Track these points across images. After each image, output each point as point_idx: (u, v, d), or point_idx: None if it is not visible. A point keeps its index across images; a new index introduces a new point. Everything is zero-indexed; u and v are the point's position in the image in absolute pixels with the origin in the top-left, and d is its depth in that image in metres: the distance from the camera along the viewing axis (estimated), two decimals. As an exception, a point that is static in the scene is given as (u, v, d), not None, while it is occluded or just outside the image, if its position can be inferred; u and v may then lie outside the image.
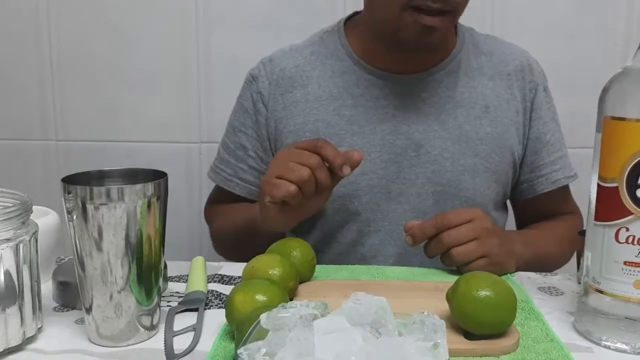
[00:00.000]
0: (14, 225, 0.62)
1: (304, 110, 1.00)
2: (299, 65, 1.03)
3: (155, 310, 0.67)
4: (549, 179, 1.03)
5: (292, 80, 1.02)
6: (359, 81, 1.00)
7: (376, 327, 0.49)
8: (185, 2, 1.36)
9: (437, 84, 0.99)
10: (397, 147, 0.98)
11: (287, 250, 0.79)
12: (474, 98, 0.99)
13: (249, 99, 1.05)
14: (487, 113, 0.99)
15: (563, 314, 0.73)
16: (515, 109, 1.01)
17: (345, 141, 0.98)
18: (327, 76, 1.01)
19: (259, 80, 1.04)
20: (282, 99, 1.02)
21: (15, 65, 1.41)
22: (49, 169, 1.45)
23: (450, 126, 0.98)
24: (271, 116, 1.02)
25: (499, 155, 0.99)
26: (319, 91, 1.01)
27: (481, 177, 0.98)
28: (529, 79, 1.02)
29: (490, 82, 1.01)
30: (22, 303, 0.64)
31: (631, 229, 0.62)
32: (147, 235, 0.64)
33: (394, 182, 0.98)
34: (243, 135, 1.05)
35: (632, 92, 0.63)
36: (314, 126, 0.99)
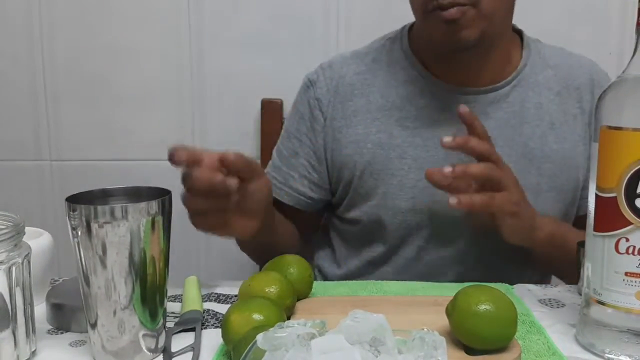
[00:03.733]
0: (6, 247, 0.61)
1: (365, 120, 0.98)
2: (361, 72, 1.01)
3: (160, 333, 0.67)
4: None
5: (353, 88, 1.00)
6: (422, 92, 0.97)
7: (375, 345, 0.48)
8: (178, 19, 1.37)
9: (503, 99, 0.96)
10: (461, 162, 0.92)
11: (284, 267, 0.78)
12: (540, 114, 0.96)
13: (305, 104, 1.02)
14: (552, 130, 0.96)
15: (565, 326, 0.72)
16: (582, 124, 0.98)
17: (408, 154, 0.96)
18: (390, 85, 0.99)
19: (317, 86, 1.01)
20: (342, 107, 0.99)
21: (8, 84, 1.41)
22: (43, 189, 1.44)
23: (515, 143, 0.95)
24: (329, 124, 1.00)
25: (565, 174, 0.96)
26: (381, 100, 0.98)
27: (544, 197, 0.95)
28: (597, 93, 0.97)
29: (557, 97, 0.98)
30: (16, 326, 0.63)
31: (631, 239, 0.62)
32: (151, 254, 0.63)
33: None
34: (297, 141, 1.02)
35: (628, 101, 0.63)
36: (376, 137, 0.97)
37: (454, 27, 0.86)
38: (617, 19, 1.34)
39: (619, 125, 0.62)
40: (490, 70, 0.97)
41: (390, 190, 0.96)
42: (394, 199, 0.96)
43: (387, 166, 0.96)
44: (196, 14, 1.36)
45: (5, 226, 0.63)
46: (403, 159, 0.96)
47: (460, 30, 0.87)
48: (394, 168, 0.96)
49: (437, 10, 0.86)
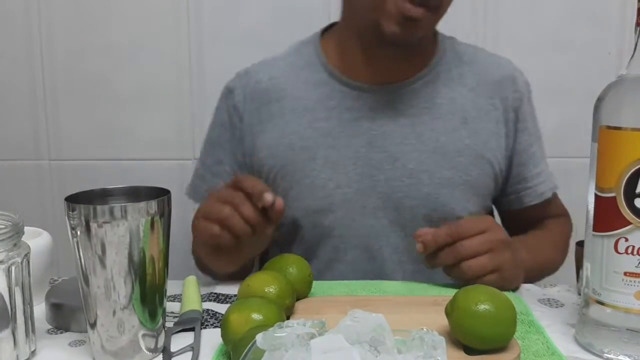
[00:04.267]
0: (5, 247, 0.62)
1: (279, 123, 0.99)
2: (274, 77, 1.02)
3: (159, 333, 0.67)
4: (536, 191, 1.02)
5: (268, 93, 1.00)
6: (332, 93, 0.98)
7: (375, 345, 0.48)
8: (178, 19, 1.36)
9: (414, 95, 0.97)
10: (372, 161, 0.96)
11: (284, 267, 0.78)
12: (453, 109, 0.97)
13: (224, 112, 1.03)
14: (465, 124, 0.97)
15: (564, 326, 0.73)
16: (495, 120, 0.99)
17: (318, 154, 0.96)
18: (301, 88, 1.00)
19: (234, 94, 1.02)
20: (258, 112, 1.00)
21: (7, 84, 1.40)
22: (42, 189, 1.44)
23: (427, 138, 0.96)
24: (247, 130, 1.01)
25: (479, 168, 0.97)
26: (293, 103, 0.99)
27: (459, 191, 0.96)
28: (512, 89, 1.00)
29: (470, 92, 0.99)
30: (15, 326, 0.63)
31: (630, 239, 0.62)
32: (150, 253, 0.63)
33: (370, 197, 0.96)
34: (220, 149, 1.03)
35: (627, 101, 0.63)
36: (288, 140, 0.98)
37: (412, 25, 0.88)
38: (616, 19, 1.33)
39: (618, 125, 0.62)
40: (404, 67, 0.98)
41: (303, 191, 0.97)
42: (305, 199, 0.97)
43: (298, 168, 0.97)
44: (196, 13, 1.36)
45: (4, 226, 0.63)
46: (314, 160, 0.96)
47: (415, 29, 0.89)
48: (306, 169, 0.96)
49: (403, 1, 0.86)
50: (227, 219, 0.79)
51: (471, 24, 1.33)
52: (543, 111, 1.07)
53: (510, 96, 1.00)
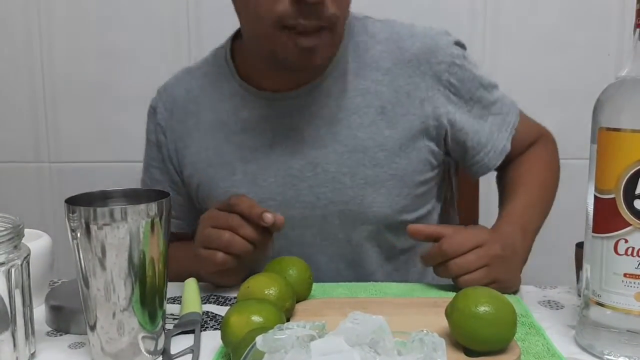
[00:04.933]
0: (5, 249, 0.61)
1: (197, 138, 0.95)
2: (191, 89, 0.98)
3: (159, 335, 0.67)
4: (496, 150, 0.95)
5: (185, 109, 0.97)
6: (244, 103, 0.93)
7: (375, 347, 0.48)
8: (177, 21, 1.37)
9: (325, 95, 0.91)
10: (292, 170, 0.91)
11: (283, 269, 0.78)
12: (367, 101, 0.91)
13: (152, 132, 1.01)
14: (383, 115, 0.90)
15: (564, 327, 0.72)
16: (419, 100, 0.91)
17: (238, 169, 0.93)
18: (216, 100, 0.95)
19: (157, 112, 0.99)
20: (179, 128, 0.97)
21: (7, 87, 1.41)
22: (43, 191, 1.44)
23: (344, 137, 0.90)
24: (172, 148, 0.98)
25: (404, 158, 0.91)
26: (210, 116, 0.95)
27: (386, 187, 0.91)
28: (435, 60, 0.91)
29: (386, 76, 0.91)
30: (15, 328, 0.63)
31: (630, 241, 0.62)
32: (150, 256, 0.63)
33: (294, 207, 0.92)
34: (155, 169, 1.01)
35: (627, 102, 0.63)
36: (206, 156, 0.94)
37: (309, 53, 0.82)
38: (616, 21, 1.34)
39: (617, 126, 0.62)
40: (311, 71, 0.90)
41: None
42: None
43: (219, 185, 0.94)
44: (195, 17, 1.36)
45: (4, 228, 0.63)
46: (234, 175, 0.93)
47: (314, 56, 0.83)
48: (226, 186, 0.93)
49: (294, 34, 0.80)
50: (229, 244, 0.78)
51: (470, 25, 1.34)
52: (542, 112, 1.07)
53: (431, 69, 0.91)
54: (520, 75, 1.31)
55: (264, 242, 0.81)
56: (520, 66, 1.05)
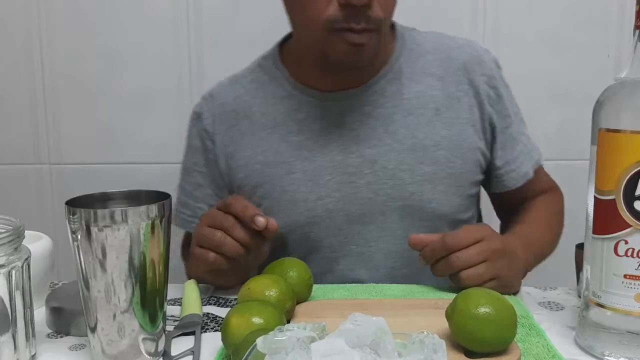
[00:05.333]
0: (6, 251, 0.61)
1: (250, 141, 0.98)
2: (240, 95, 1.00)
3: (160, 336, 0.67)
4: (519, 172, 1.00)
5: (235, 113, 0.99)
6: (299, 105, 0.97)
7: (375, 349, 0.48)
8: (178, 22, 1.37)
9: (380, 95, 0.95)
10: (350, 167, 0.94)
11: (284, 271, 0.78)
12: (423, 102, 0.95)
13: (197, 137, 1.02)
14: (438, 116, 0.95)
15: (564, 329, 0.73)
16: (468, 105, 0.96)
17: (296, 168, 0.95)
18: (268, 103, 0.98)
19: (203, 118, 1.01)
20: (229, 132, 0.99)
21: (7, 88, 1.41)
22: (43, 193, 1.44)
23: (402, 136, 0.94)
24: (220, 152, 1.00)
25: (460, 158, 0.95)
26: (263, 120, 0.98)
27: (444, 185, 0.95)
28: (480, 71, 0.98)
29: (438, 82, 0.97)
30: (15, 330, 0.63)
31: (630, 242, 0.62)
32: (151, 257, 0.63)
33: (353, 204, 0.94)
34: (198, 174, 1.02)
35: (627, 103, 0.63)
36: (262, 157, 0.97)
37: (359, 51, 0.86)
38: (615, 22, 1.34)
39: (617, 127, 0.62)
40: (364, 71, 0.95)
41: (285, 207, 0.96)
42: (289, 215, 0.95)
43: (277, 184, 0.96)
44: (195, 17, 1.37)
45: (5, 230, 0.63)
46: (292, 174, 0.95)
47: (363, 54, 0.87)
48: (285, 184, 0.96)
49: (345, 33, 0.85)
50: (220, 245, 0.79)
51: (471, 25, 1.34)
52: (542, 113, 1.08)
53: (478, 79, 0.97)
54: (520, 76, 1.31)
55: (256, 245, 0.81)
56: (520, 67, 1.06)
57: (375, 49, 0.89)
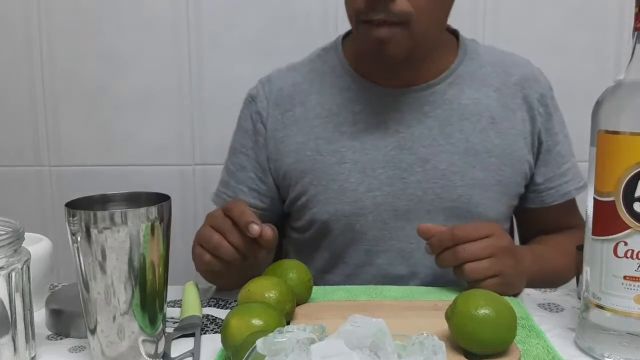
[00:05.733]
0: (5, 253, 0.62)
1: (304, 128, 0.99)
2: (297, 83, 1.02)
3: (160, 338, 0.67)
4: (559, 191, 1.02)
5: (291, 99, 1.01)
6: (358, 97, 0.98)
7: (375, 350, 0.48)
8: (178, 24, 1.37)
9: (439, 97, 0.97)
10: (402, 163, 0.96)
11: (284, 272, 0.78)
12: (479, 110, 0.97)
13: (248, 119, 1.03)
14: (493, 125, 0.97)
15: (564, 330, 0.73)
16: (521, 119, 0.99)
17: (347, 158, 0.97)
18: (325, 93, 1.00)
19: (257, 101, 1.03)
20: (282, 117, 1.01)
21: (7, 90, 1.41)
22: (43, 195, 1.44)
23: (456, 140, 0.96)
24: (270, 136, 1.01)
25: (510, 167, 0.97)
26: (318, 108, 0.99)
27: (492, 191, 0.96)
28: (535, 88, 1.00)
29: (495, 93, 0.99)
30: (15, 332, 0.63)
31: (630, 243, 0.62)
32: (151, 259, 0.63)
33: (401, 199, 0.96)
34: (243, 156, 1.03)
35: (626, 105, 0.63)
36: (314, 144, 0.98)
37: (382, 44, 0.88)
38: (615, 24, 1.34)
39: (616, 129, 0.62)
40: (424, 72, 0.98)
41: (332, 195, 0.97)
42: (336, 203, 0.97)
43: (327, 172, 0.97)
44: (195, 20, 1.37)
45: (4, 232, 0.63)
46: (343, 164, 0.97)
47: (387, 48, 0.88)
48: (334, 173, 0.97)
49: (368, 25, 0.87)
50: (216, 248, 0.79)
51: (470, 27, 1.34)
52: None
53: (532, 95, 1.00)
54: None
55: (252, 252, 0.80)
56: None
57: (402, 44, 0.89)
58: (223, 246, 0.78)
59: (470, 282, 0.80)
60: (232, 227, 0.79)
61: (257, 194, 1.03)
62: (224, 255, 0.79)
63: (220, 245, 0.79)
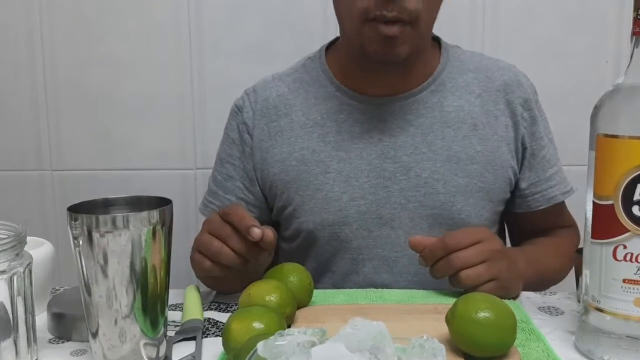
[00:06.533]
0: (7, 257, 0.62)
1: (289, 138, 1.00)
2: (282, 93, 1.02)
3: (161, 342, 0.67)
4: (545, 195, 1.02)
5: (276, 109, 1.01)
6: (341, 107, 0.99)
7: (375, 353, 0.48)
8: (179, 29, 1.37)
9: (422, 105, 0.98)
10: (385, 172, 0.96)
11: (284, 276, 0.78)
12: (462, 117, 0.98)
13: (235, 130, 1.04)
14: (475, 131, 0.98)
15: (564, 333, 0.73)
16: (504, 125, 0.99)
17: (331, 168, 0.97)
18: (310, 103, 1.01)
19: (243, 111, 1.03)
20: (268, 128, 1.01)
21: (9, 94, 1.41)
22: (45, 199, 1.44)
23: (438, 147, 0.97)
24: (257, 146, 1.01)
25: (492, 174, 0.97)
26: (303, 118, 1.00)
27: (475, 198, 0.97)
28: (517, 93, 1.00)
29: (477, 99, 0.99)
30: (17, 336, 0.63)
31: (629, 246, 0.62)
32: (152, 263, 0.64)
33: (384, 207, 0.96)
34: (230, 166, 1.04)
35: (624, 109, 0.63)
36: (299, 154, 0.99)
37: (391, 42, 0.89)
38: (614, 27, 1.34)
39: (615, 133, 0.62)
40: (408, 79, 0.98)
41: (317, 205, 0.97)
42: (321, 213, 0.97)
43: (312, 181, 0.98)
44: (196, 25, 1.37)
45: (7, 236, 0.63)
46: (327, 173, 0.97)
47: (396, 46, 0.89)
48: (319, 183, 0.97)
49: (377, 23, 0.87)
50: (217, 254, 0.79)
51: (469, 31, 1.34)
52: (541, 119, 1.08)
53: (515, 100, 1.00)
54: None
55: (253, 255, 0.80)
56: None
57: (409, 43, 0.90)
58: (224, 252, 0.78)
59: (467, 290, 0.80)
60: (232, 233, 0.79)
61: (245, 203, 1.03)
62: (225, 260, 0.79)
63: (220, 252, 0.78)
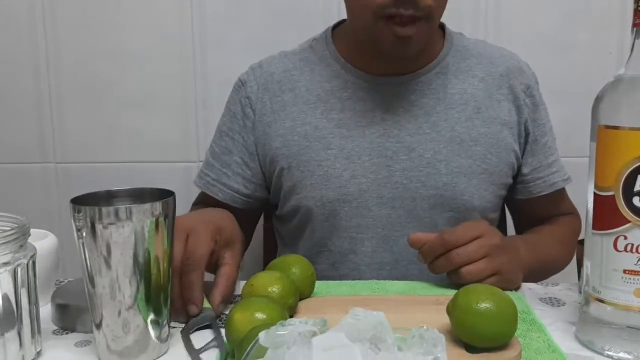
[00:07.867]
0: (11, 248, 0.62)
1: (292, 113, 1.00)
2: (288, 69, 1.03)
3: (165, 332, 0.67)
4: (547, 181, 1.02)
5: (281, 84, 1.02)
6: (346, 84, 1.00)
7: (375, 343, 0.49)
8: (182, 23, 1.37)
9: (426, 86, 0.99)
10: (387, 151, 0.97)
11: (287, 267, 0.79)
12: (465, 99, 0.99)
13: (237, 103, 1.04)
14: (479, 114, 0.98)
15: (565, 324, 0.73)
16: (507, 109, 1.00)
17: (333, 144, 0.98)
18: (315, 80, 1.01)
19: (247, 85, 1.04)
20: (271, 102, 1.01)
21: (13, 88, 1.42)
22: (48, 191, 1.45)
23: (442, 128, 0.97)
24: (259, 120, 1.02)
25: (495, 156, 0.98)
26: (307, 95, 1.00)
27: (477, 179, 0.97)
28: (520, 80, 1.01)
29: (481, 83, 1.00)
30: (21, 327, 0.63)
31: (629, 237, 0.62)
32: (155, 254, 0.64)
33: (385, 187, 0.97)
34: (230, 139, 1.04)
35: (625, 100, 0.63)
36: (302, 130, 0.99)
37: (406, 42, 0.90)
38: (616, 19, 1.34)
39: (616, 124, 0.62)
40: (414, 62, 0.99)
41: (317, 181, 0.98)
42: (320, 189, 0.97)
43: (313, 157, 0.98)
44: (199, 18, 1.37)
45: (10, 228, 0.64)
46: (329, 150, 0.97)
47: (410, 45, 0.91)
48: (320, 159, 0.98)
49: (392, 23, 0.88)
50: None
51: (472, 24, 1.34)
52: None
53: (518, 86, 1.01)
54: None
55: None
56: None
57: (423, 39, 0.91)
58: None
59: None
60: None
61: (242, 178, 1.03)
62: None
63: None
